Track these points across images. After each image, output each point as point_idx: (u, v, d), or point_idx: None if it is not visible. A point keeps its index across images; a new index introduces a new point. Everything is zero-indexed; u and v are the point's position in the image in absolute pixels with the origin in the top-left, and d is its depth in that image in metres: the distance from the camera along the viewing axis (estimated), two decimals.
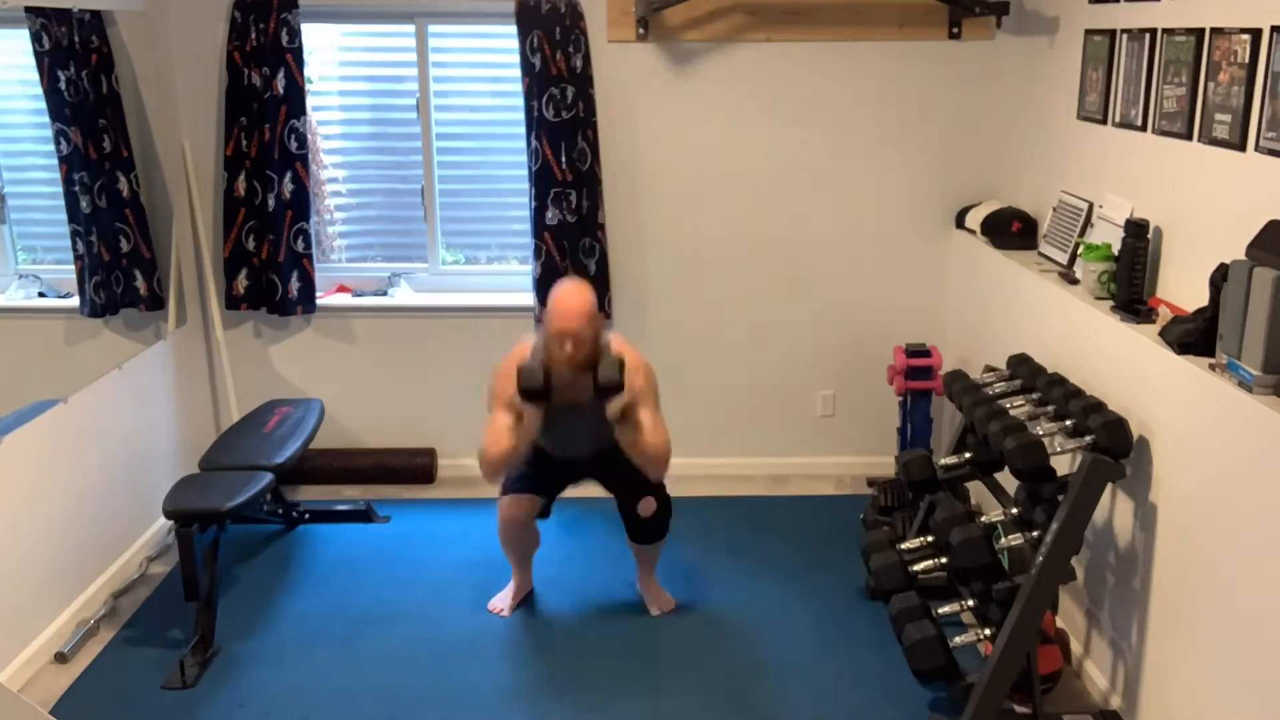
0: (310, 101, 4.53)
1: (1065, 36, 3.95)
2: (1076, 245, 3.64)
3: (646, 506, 3.58)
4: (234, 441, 4.02)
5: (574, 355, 3.35)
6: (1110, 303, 3.25)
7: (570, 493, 3.80)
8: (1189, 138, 3.04)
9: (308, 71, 4.48)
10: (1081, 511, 2.85)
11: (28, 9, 3.59)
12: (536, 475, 3.67)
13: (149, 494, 4.14)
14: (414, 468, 4.79)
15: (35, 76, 3.70)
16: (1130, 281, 3.17)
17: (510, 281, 4.84)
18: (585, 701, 3.28)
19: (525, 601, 3.83)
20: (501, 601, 3.79)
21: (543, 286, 4.55)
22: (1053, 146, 4.06)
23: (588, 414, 3.45)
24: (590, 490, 3.79)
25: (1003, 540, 3.07)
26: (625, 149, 4.56)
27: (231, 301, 4.61)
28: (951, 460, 3.48)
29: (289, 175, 4.48)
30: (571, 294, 3.40)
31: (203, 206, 4.57)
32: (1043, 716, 3.01)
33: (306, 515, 4.43)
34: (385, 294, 4.79)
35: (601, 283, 4.58)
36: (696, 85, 4.51)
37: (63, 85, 3.76)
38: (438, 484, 4.82)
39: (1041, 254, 3.96)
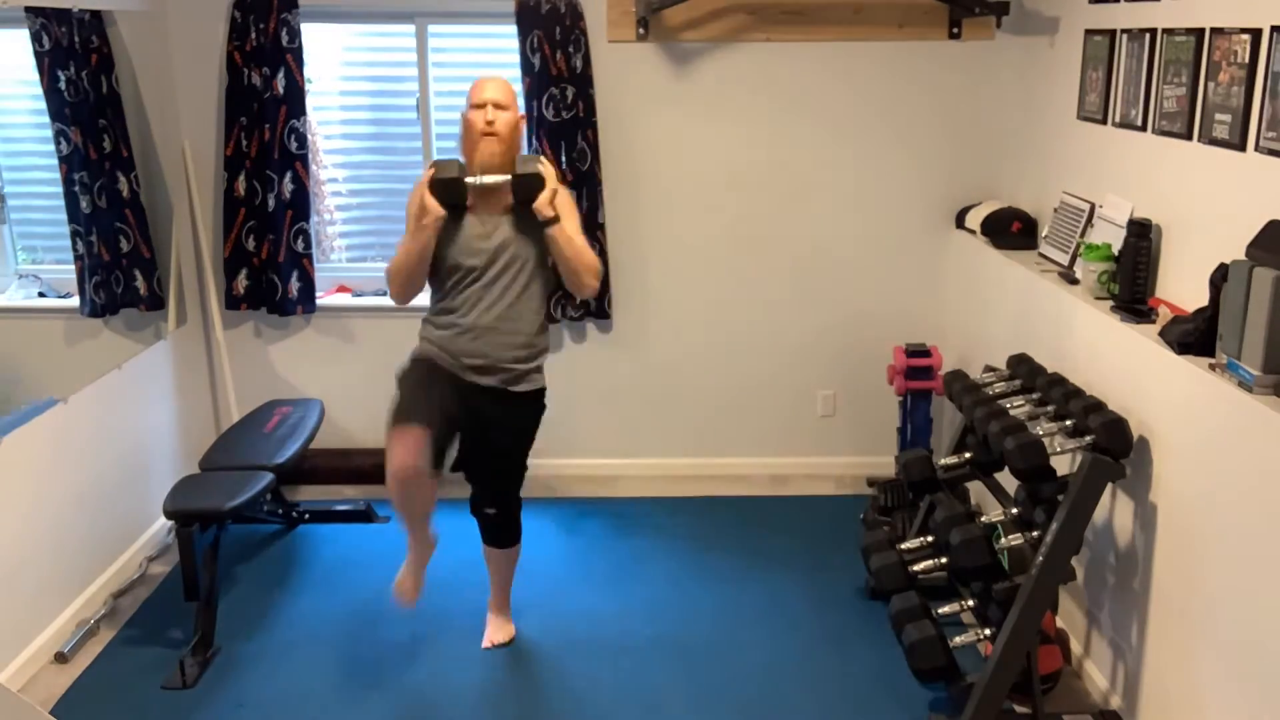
0: (310, 101, 4.53)
1: (1065, 36, 3.95)
2: (1077, 246, 3.64)
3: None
4: (234, 441, 4.02)
5: (494, 129, 3.20)
6: (1110, 303, 3.25)
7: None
8: (1189, 138, 3.04)
9: (308, 71, 4.48)
10: (1081, 511, 2.85)
11: (28, 9, 3.59)
12: (422, 405, 3.23)
13: (149, 494, 4.14)
14: None
15: (35, 76, 3.70)
16: (1133, 281, 3.18)
17: None
18: (584, 700, 3.28)
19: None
20: (404, 583, 3.41)
21: None
22: (1053, 146, 4.06)
23: (501, 258, 3.25)
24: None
25: (1003, 540, 3.07)
26: (625, 149, 4.56)
27: (231, 301, 4.61)
28: (951, 460, 3.48)
29: (289, 175, 4.48)
30: (490, 75, 3.32)
31: (203, 206, 4.57)
32: (1043, 716, 3.01)
33: (306, 515, 4.43)
34: (385, 294, 4.79)
35: (601, 283, 4.58)
36: (696, 85, 4.51)
37: (63, 85, 3.76)
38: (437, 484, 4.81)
39: (1041, 254, 3.96)
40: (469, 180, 3.23)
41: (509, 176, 3.23)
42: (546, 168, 3.23)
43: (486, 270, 3.27)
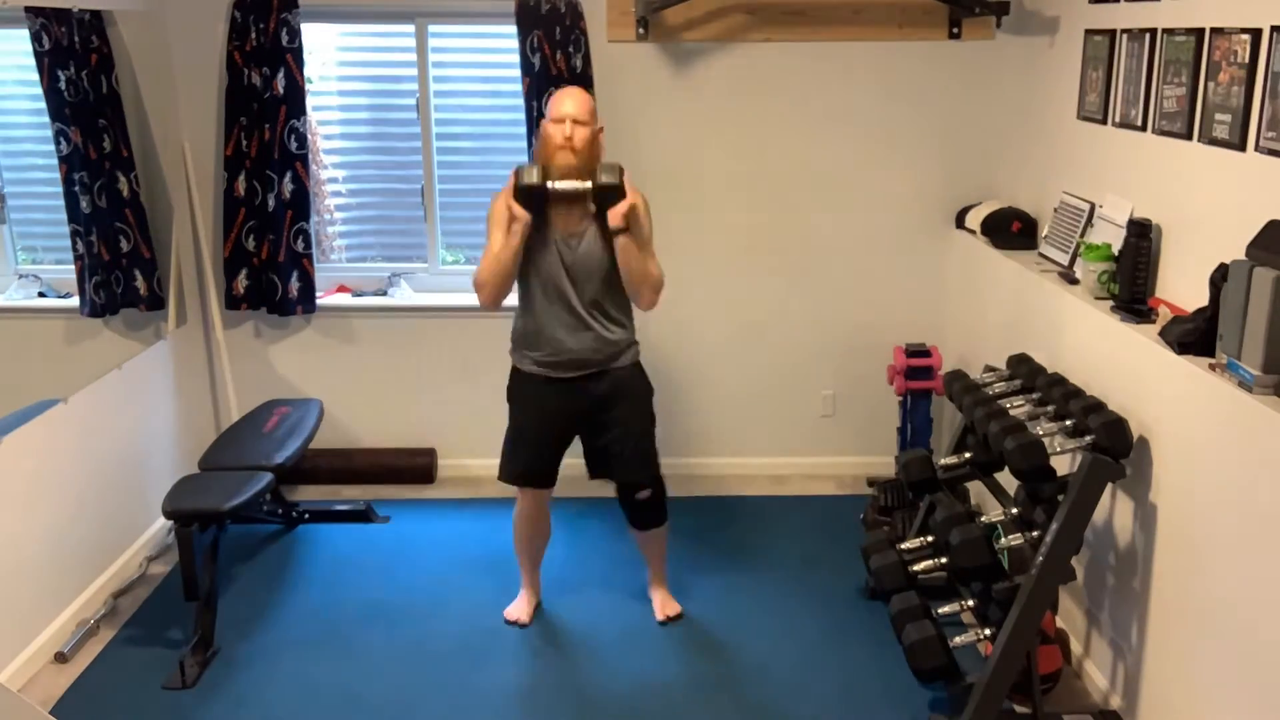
0: (310, 101, 4.53)
1: (1065, 36, 3.95)
2: (1077, 246, 3.64)
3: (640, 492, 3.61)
4: (234, 441, 4.02)
5: (572, 143, 3.30)
6: (1110, 303, 3.25)
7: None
8: (1189, 138, 3.04)
9: (308, 71, 4.48)
10: (1081, 511, 2.85)
11: (28, 9, 3.59)
12: (535, 453, 3.58)
13: (149, 494, 4.14)
14: (414, 468, 4.79)
15: (35, 76, 3.70)
16: (1133, 281, 3.18)
17: None
18: (585, 701, 3.28)
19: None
20: (519, 611, 3.73)
21: None
22: (1053, 146, 4.06)
23: (584, 262, 3.39)
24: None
25: (1003, 540, 3.07)
26: (625, 149, 4.55)
27: (231, 301, 4.61)
28: (951, 460, 3.48)
29: (289, 175, 4.48)
30: (570, 89, 3.44)
31: (203, 206, 4.57)
32: (1043, 716, 3.01)
33: (306, 515, 4.43)
34: (385, 294, 4.79)
35: None
36: (696, 85, 4.51)
37: (63, 85, 3.76)
38: (437, 484, 4.82)
39: (1041, 254, 3.96)
40: (551, 186, 3.30)
41: (589, 185, 3.31)
42: (627, 179, 3.32)
43: (572, 274, 3.40)
